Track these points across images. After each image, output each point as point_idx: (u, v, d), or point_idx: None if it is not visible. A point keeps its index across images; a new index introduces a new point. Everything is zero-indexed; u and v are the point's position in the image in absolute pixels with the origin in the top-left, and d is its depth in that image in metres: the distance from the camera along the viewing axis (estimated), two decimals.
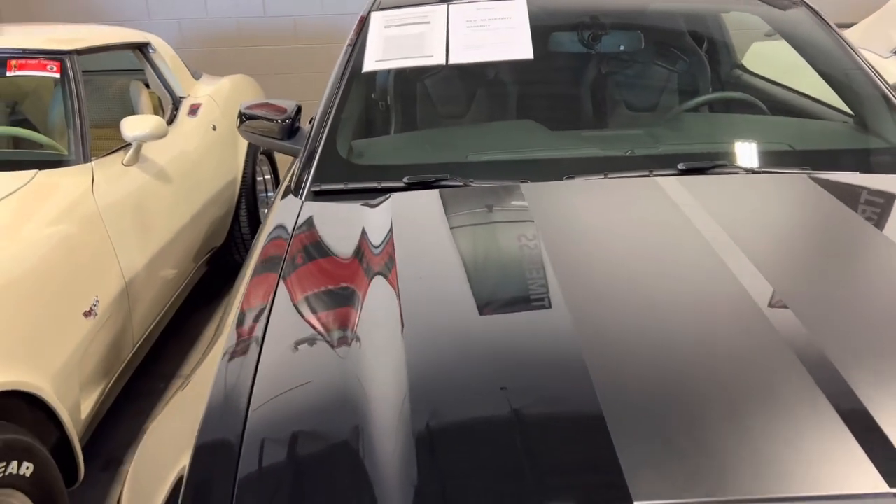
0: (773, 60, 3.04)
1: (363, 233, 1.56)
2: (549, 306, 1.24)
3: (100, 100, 3.33)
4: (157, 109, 3.34)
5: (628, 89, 2.40)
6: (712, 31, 2.70)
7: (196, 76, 3.66)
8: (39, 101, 3.27)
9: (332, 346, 1.24)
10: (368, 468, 0.97)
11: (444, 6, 2.25)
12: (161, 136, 2.72)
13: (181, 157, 3.01)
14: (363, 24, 2.30)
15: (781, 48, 3.17)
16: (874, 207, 1.61)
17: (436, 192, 1.71)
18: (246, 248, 3.65)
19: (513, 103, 2.29)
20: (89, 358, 2.14)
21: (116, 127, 2.75)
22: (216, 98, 3.53)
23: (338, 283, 1.42)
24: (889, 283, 1.30)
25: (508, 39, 2.14)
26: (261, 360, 1.20)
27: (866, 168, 1.83)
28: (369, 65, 2.13)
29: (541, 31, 2.14)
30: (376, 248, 1.49)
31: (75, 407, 2.04)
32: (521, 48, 2.11)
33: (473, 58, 2.12)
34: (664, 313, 1.21)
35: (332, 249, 1.57)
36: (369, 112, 2.25)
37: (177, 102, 3.33)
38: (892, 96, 2.06)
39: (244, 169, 3.56)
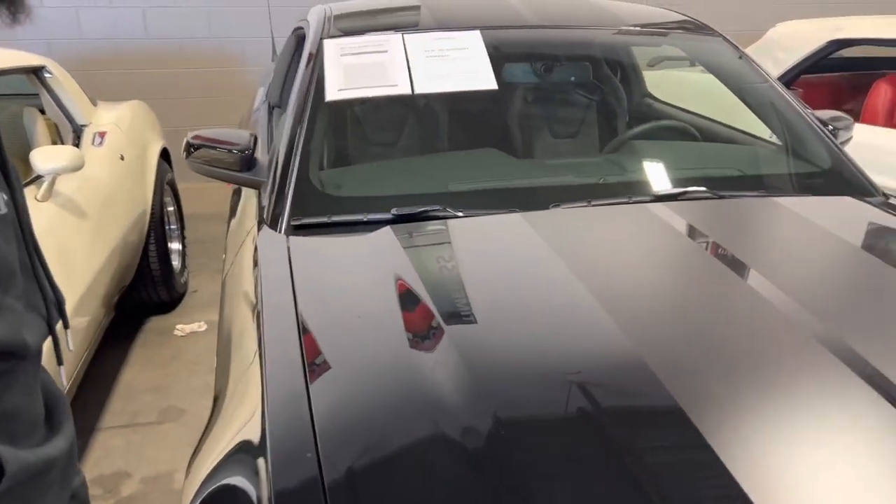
0: (677, 88, 3.29)
1: (381, 263, 1.52)
2: (595, 319, 1.31)
3: None
4: (56, 138, 3.06)
5: (579, 118, 2.49)
6: (635, 61, 2.87)
7: (93, 102, 3.39)
8: None
9: (384, 372, 1.20)
10: (463, 477, 0.97)
11: (398, 35, 2.23)
12: (78, 168, 2.51)
13: (94, 190, 2.77)
14: (314, 55, 2.23)
15: (686, 77, 3.43)
16: (839, 225, 1.77)
17: (439, 222, 1.70)
18: (156, 287, 3.41)
19: (474, 132, 2.31)
20: None
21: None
22: (120, 126, 3.29)
23: (367, 311, 1.37)
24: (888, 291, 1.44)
25: (471, 70, 2.17)
26: (312, 399, 1.14)
27: (805, 190, 2.03)
28: (332, 94, 2.07)
29: (493, 62, 2.17)
30: (401, 278, 1.46)
31: None
32: (483, 78, 2.14)
33: (438, 88, 2.12)
34: (716, 332, 1.28)
35: (348, 282, 1.51)
36: (336, 142, 2.19)
37: (78, 130, 3.07)
38: (813, 123, 2.28)
39: (153, 200, 3.34)
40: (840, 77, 4.25)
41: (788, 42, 3.89)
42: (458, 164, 2.10)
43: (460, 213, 1.77)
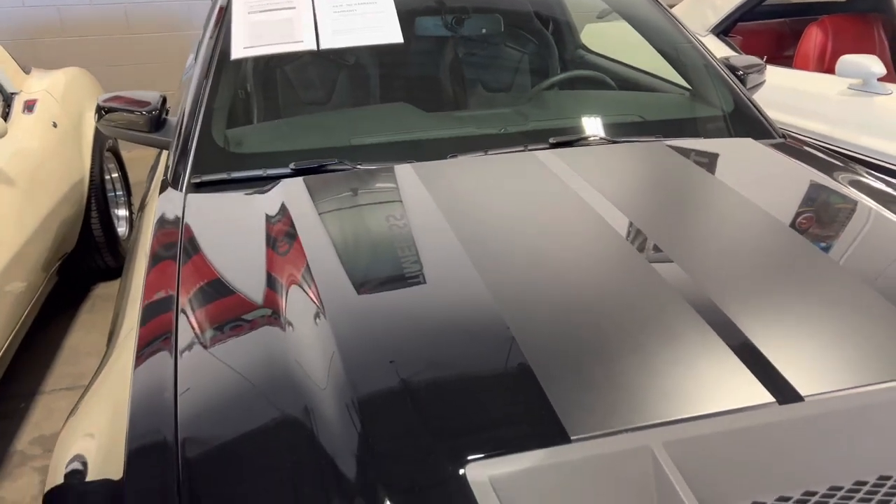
0: (610, 39, 3.30)
1: (261, 220, 1.55)
2: (465, 276, 1.31)
3: None
4: None
5: (493, 71, 2.51)
6: (561, 12, 2.88)
7: (26, 70, 3.37)
8: None
9: (250, 331, 1.23)
10: (313, 447, 0.99)
11: None
12: (0, 136, 2.51)
13: (23, 158, 2.78)
14: (224, 11, 2.24)
15: (617, 28, 3.44)
16: (721, 166, 1.82)
17: (328, 175, 1.73)
18: (101, 253, 3.44)
19: (385, 87, 2.33)
20: None
21: None
22: (53, 93, 3.28)
23: (243, 271, 1.40)
24: (746, 230, 1.49)
25: (377, 24, 2.18)
26: (178, 356, 1.18)
27: (706, 134, 2.07)
28: (237, 52, 2.08)
29: (404, 15, 2.19)
30: (278, 233, 1.49)
31: None
32: (390, 32, 2.16)
33: (344, 42, 2.14)
34: (567, 272, 1.32)
35: (229, 239, 1.54)
36: (242, 100, 2.21)
37: (8, 99, 3.06)
38: (719, 69, 2.32)
39: (91, 168, 3.34)
40: (781, 23, 4.27)
41: None
42: (366, 119, 2.13)
43: (359, 166, 1.81)
